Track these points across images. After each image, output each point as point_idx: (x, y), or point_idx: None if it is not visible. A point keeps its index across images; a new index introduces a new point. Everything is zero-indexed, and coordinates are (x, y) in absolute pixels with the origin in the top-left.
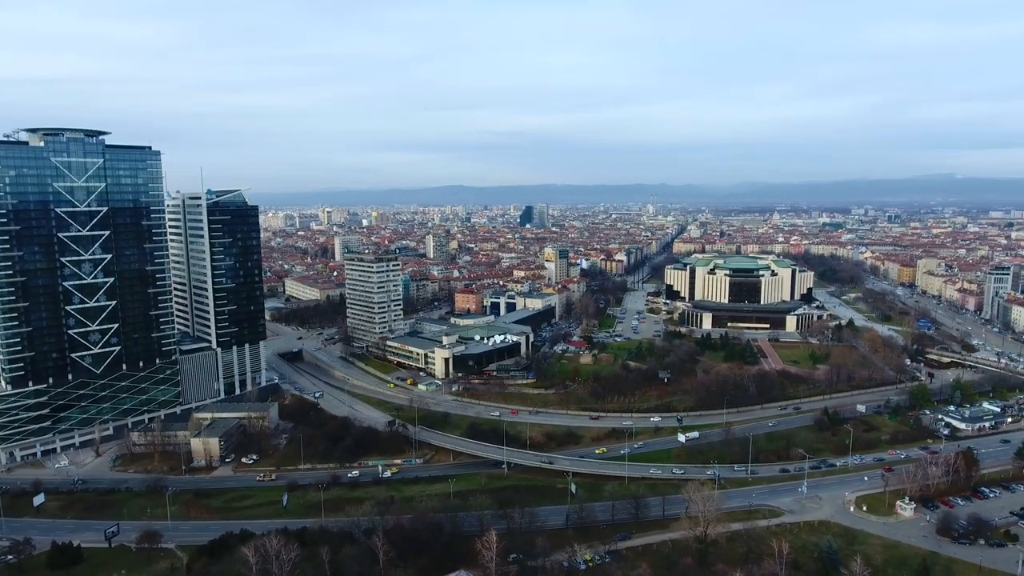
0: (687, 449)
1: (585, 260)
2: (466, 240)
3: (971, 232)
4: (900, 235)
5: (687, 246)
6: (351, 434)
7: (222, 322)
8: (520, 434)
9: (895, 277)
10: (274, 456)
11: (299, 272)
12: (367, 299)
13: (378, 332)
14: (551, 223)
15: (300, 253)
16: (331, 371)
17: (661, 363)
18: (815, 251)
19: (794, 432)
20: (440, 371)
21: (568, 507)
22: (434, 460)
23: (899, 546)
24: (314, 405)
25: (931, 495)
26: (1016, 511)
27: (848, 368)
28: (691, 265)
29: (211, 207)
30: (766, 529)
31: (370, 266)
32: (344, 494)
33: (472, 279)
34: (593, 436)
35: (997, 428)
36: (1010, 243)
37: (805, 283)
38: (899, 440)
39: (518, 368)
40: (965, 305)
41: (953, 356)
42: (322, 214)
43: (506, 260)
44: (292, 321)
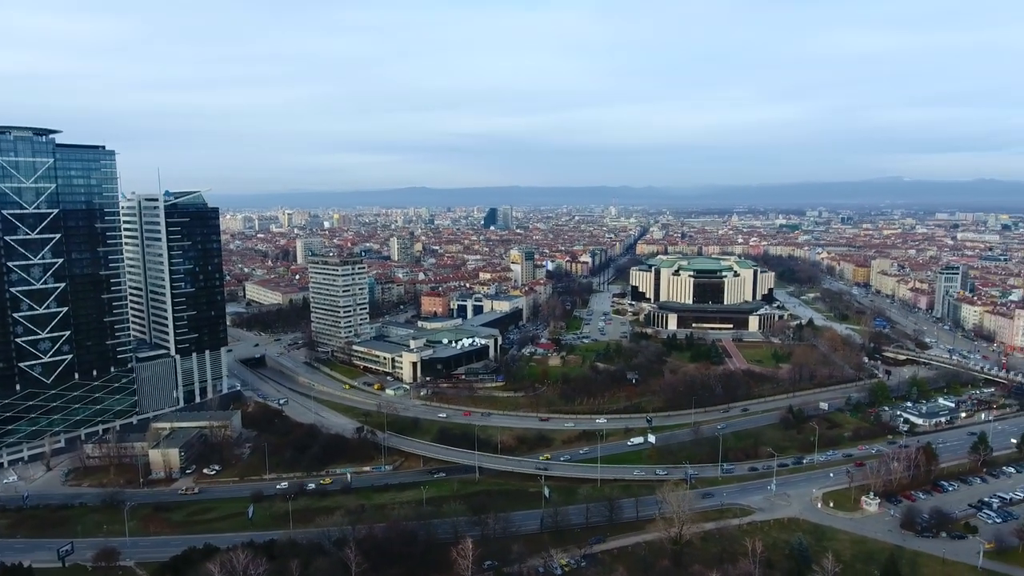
0: (658, 450)
1: (551, 262)
2: (430, 242)
3: (920, 233)
4: (853, 236)
5: (650, 247)
6: (318, 441)
7: (181, 328)
8: (491, 438)
9: (850, 277)
10: (238, 466)
11: (260, 276)
12: (332, 303)
13: (344, 336)
14: (515, 225)
15: (260, 256)
16: (295, 377)
17: (629, 364)
18: (773, 252)
19: (761, 431)
20: (408, 375)
21: (542, 511)
22: (404, 466)
23: (866, 541)
24: (279, 412)
25: (894, 490)
26: (974, 503)
27: (810, 367)
28: (656, 266)
29: (169, 209)
30: (738, 528)
31: (335, 269)
32: (312, 504)
33: (438, 282)
34: (564, 439)
35: (952, 423)
36: (956, 244)
37: (766, 283)
38: (861, 436)
39: (487, 371)
40: (917, 304)
41: (908, 354)
42: (282, 216)
43: (472, 262)
44: (254, 326)
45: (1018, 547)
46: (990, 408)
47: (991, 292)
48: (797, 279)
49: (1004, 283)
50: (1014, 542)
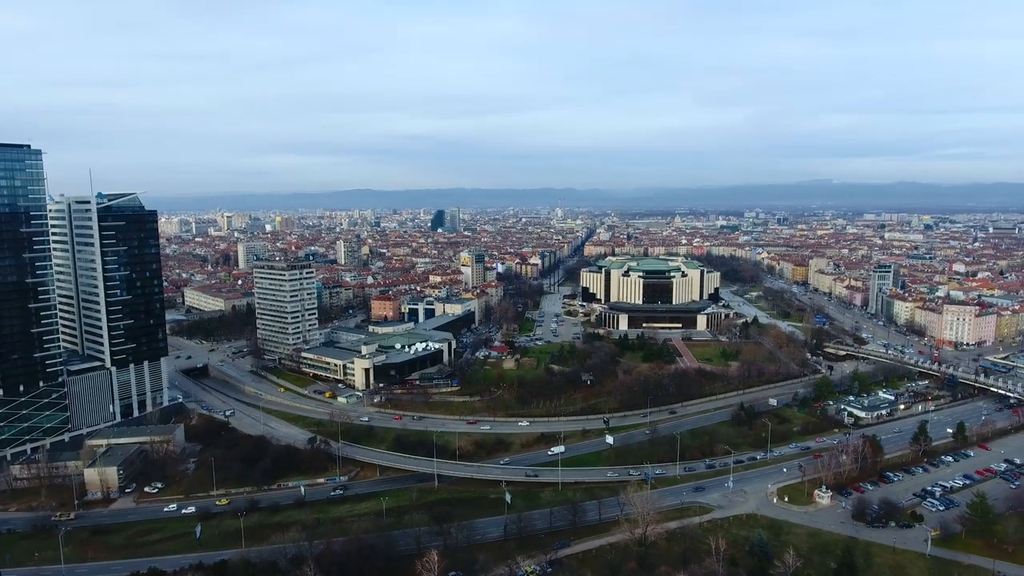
0: (617, 451)
1: (501, 264)
2: (377, 245)
3: (851, 233)
4: (790, 236)
5: (597, 249)
6: (268, 454)
7: (117, 338)
8: (449, 444)
9: (790, 276)
10: (182, 483)
11: (200, 281)
12: (279, 309)
13: (292, 343)
14: (463, 227)
15: (199, 261)
16: (242, 387)
17: (583, 366)
18: (716, 252)
19: (715, 428)
20: (360, 382)
21: (505, 518)
22: (360, 476)
23: (821, 533)
24: (225, 424)
25: (844, 482)
26: (918, 492)
27: (758, 364)
28: (606, 268)
29: (103, 212)
30: (699, 526)
31: (282, 274)
32: (265, 519)
33: (388, 285)
34: (522, 442)
35: (892, 415)
36: (885, 243)
37: (712, 283)
38: (809, 431)
39: (442, 376)
40: (853, 301)
41: (848, 349)
42: (221, 219)
43: (421, 265)
44: (195, 334)
45: (961, 533)
46: (926, 400)
47: (920, 289)
48: (740, 278)
49: (931, 280)
50: (957, 528)
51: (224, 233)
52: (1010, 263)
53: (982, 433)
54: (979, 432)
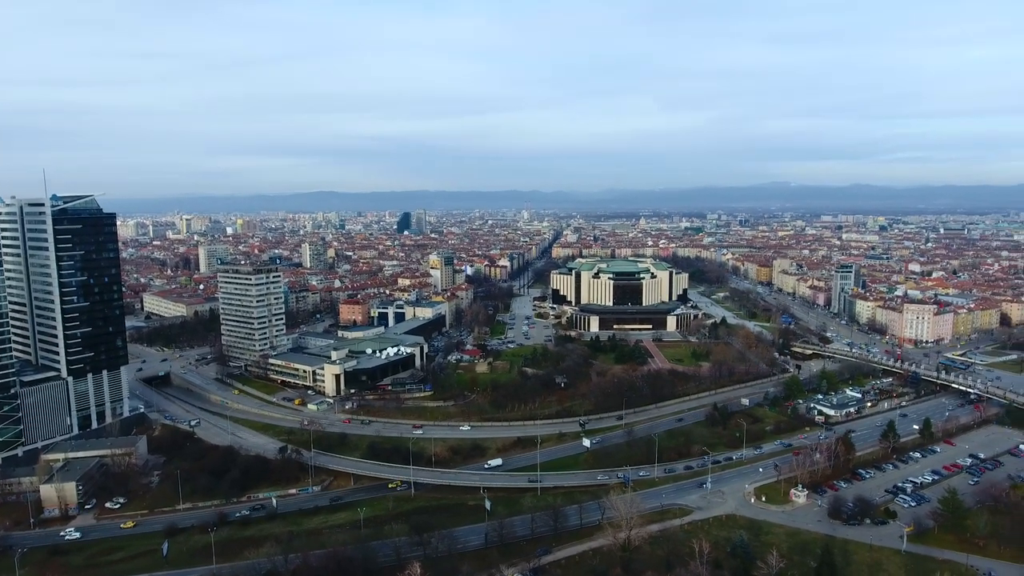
0: (594, 454)
1: (470, 267)
2: (343, 248)
3: (810, 234)
4: (752, 237)
5: (565, 251)
6: (237, 464)
7: (74, 347)
8: (424, 451)
9: (755, 276)
10: (146, 497)
11: (159, 286)
12: (245, 314)
13: (259, 349)
14: (429, 229)
15: (158, 265)
16: (207, 395)
17: (557, 368)
18: (681, 253)
19: (690, 429)
20: (331, 388)
21: (486, 525)
22: (333, 486)
23: (799, 532)
24: (190, 435)
25: (819, 480)
26: (890, 489)
27: (728, 364)
28: (576, 270)
29: (58, 215)
30: (680, 528)
31: (248, 278)
32: (236, 534)
33: (355, 289)
34: (499, 447)
35: (860, 413)
36: (843, 244)
37: (681, 284)
38: (781, 430)
39: (414, 381)
40: (816, 301)
41: (814, 348)
42: (179, 222)
43: (389, 268)
44: (156, 341)
45: (934, 528)
46: (891, 397)
47: (880, 288)
48: (707, 279)
49: (889, 280)
50: (930, 524)
51: (183, 236)
52: (962, 263)
53: (947, 429)
54: (944, 428)
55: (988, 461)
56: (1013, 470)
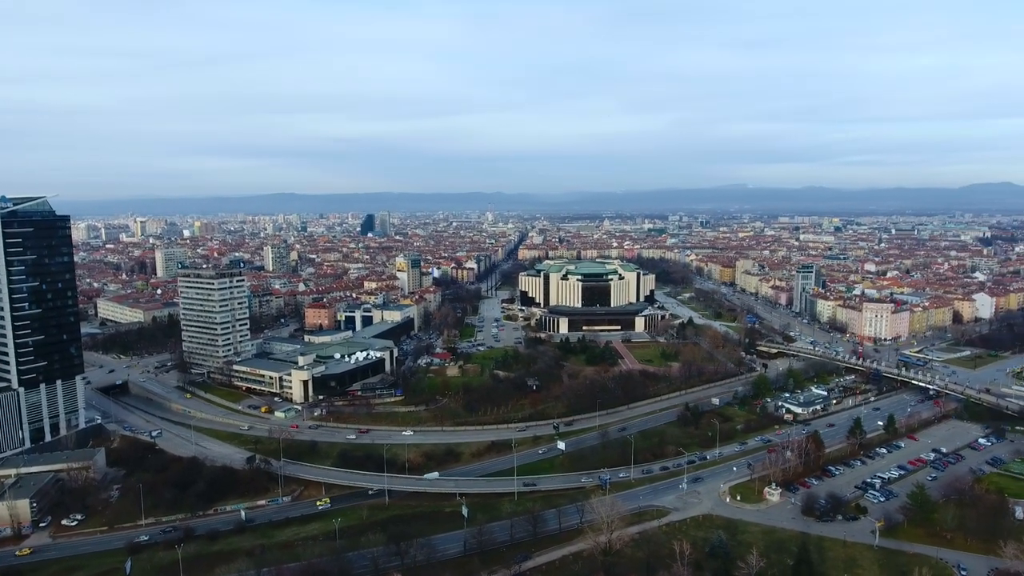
0: (569, 456)
1: (436, 269)
2: (306, 251)
3: (769, 235)
4: (714, 239)
5: (531, 252)
6: (203, 476)
7: (25, 356)
8: (397, 457)
9: (718, 277)
10: (106, 513)
11: (114, 291)
12: (208, 319)
13: (222, 356)
14: (394, 231)
15: (112, 269)
16: (168, 404)
17: (528, 371)
18: (646, 255)
19: (663, 429)
20: (298, 395)
21: (464, 532)
22: (304, 496)
23: (775, 530)
24: (151, 446)
25: (791, 478)
26: (859, 485)
27: (697, 364)
28: (544, 271)
29: (7, 218)
30: (659, 530)
31: (210, 282)
32: (204, 548)
33: (320, 292)
34: (473, 452)
35: (826, 410)
36: (801, 244)
37: (648, 285)
38: (752, 428)
39: (384, 386)
40: (778, 300)
41: (779, 347)
42: (134, 224)
43: (354, 271)
44: (111, 348)
45: (903, 523)
46: (855, 394)
47: (839, 288)
48: (672, 280)
49: (847, 279)
50: (900, 519)
51: (138, 239)
52: (914, 262)
53: (909, 424)
54: (907, 424)
55: (950, 455)
56: (974, 463)
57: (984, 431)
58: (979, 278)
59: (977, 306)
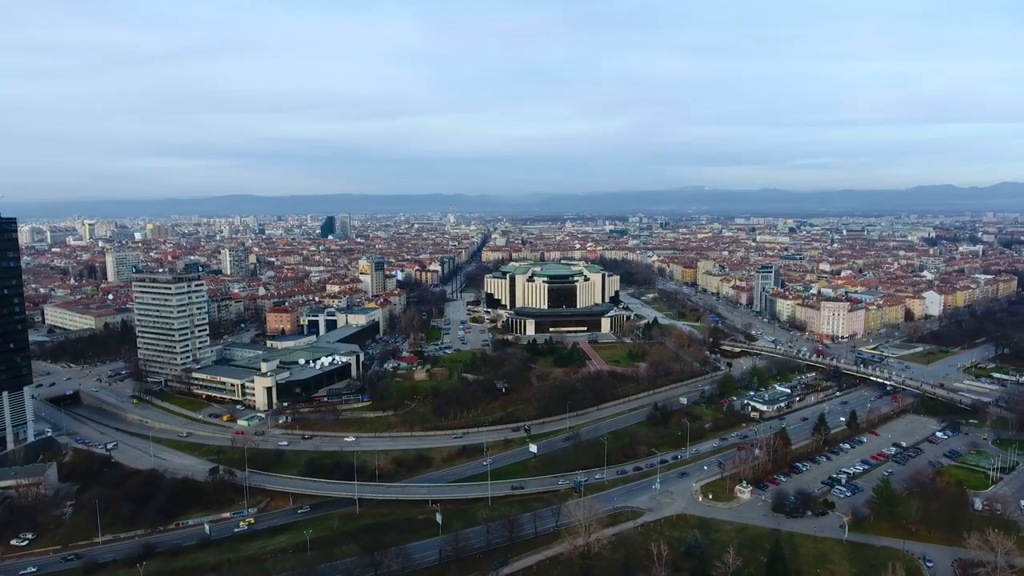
0: (542, 459)
1: (400, 271)
2: (265, 254)
3: (727, 236)
4: (674, 240)
5: (495, 254)
6: (163, 489)
7: None
8: (367, 464)
9: (680, 278)
10: (59, 531)
11: (62, 297)
12: (165, 325)
13: (180, 363)
14: (355, 234)
15: (59, 274)
16: (123, 414)
17: (497, 373)
18: (608, 256)
19: (633, 430)
20: (262, 402)
21: (439, 539)
22: (271, 507)
23: (748, 528)
24: (107, 459)
25: (760, 475)
26: (825, 480)
27: (664, 364)
28: (510, 273)
29: None
30: (635, 531)
31: (168, 287)
32: (165, 565)
33: (282, 296)
34: (444, 457)
35: (790, 407)
36: (758, 245)
37: (613, 286)
38: (720, 427)
39: (351, 391)
40: (739, 300)
41: (742, 346)
42: (81, 227)
43: (316, 274)
44: (61, 357)
45: (870, 516)
46: (817, 391)
47: (797, 287)
48: (635, 281)
49: (804, 279)
50: (866, 512)
51: (86, 243)
52: (865, 262)
53: (870, 420)
54: (868, 419)
55: (910, 449)
56: (933, 456)
57: (940, 425)
58: (927, 277)
59: (927, 304)
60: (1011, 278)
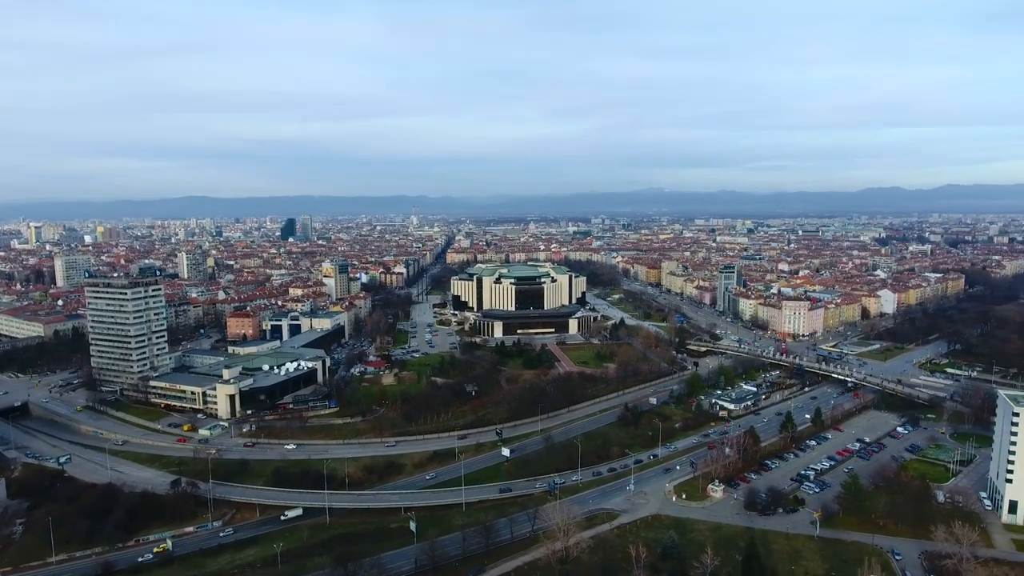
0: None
1: (364, 274)
2: (224, 257)
3: (688, 237)
4: (637, 241)
5: (460, 256)
6: (121, 504)
7: None
8: (336, 472)
9: (644, 278)
10: (9, 551)
11: (8, 303)
12: (121, 332)
13: (137, 371)
14: (316, 236)
15: (4, 279)
16: (76, 426)
17: (467, 376)
18: (573, 257)
19: (605, 431)
20: (224, 410)
21: (414, 548)
22: (237, 519)
23: (722, 527)
24: (59, 474)
25: (732, 474)
26: (794, 477)
27: (633, 364)
28: (477, 275)
29: None
30: (611, 533)
31: (123, 292)
32: None
33: (243, 300)
34: (415, 463)
35: (757, 405)
36: (718, 245)
37: (579, 288)
38: (689, 426)
39: (317, 397)
40: (703, 300)
41: (707, 345)
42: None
43: (277, 277)
44: (7, 366)
45: (839, 512)
46: (781, 389)
47: (758, 287)
48: (601, 282)
49: (764, 278)
50: (835, 508)
51: (33, 246)
52: (822, 261)
53: (834, 416)
54: (832, 416)
55: (873, 444)
56: (895, 451)
57: (901, 420)
58: (880, 275)
59: (882, 302)
60: (959, 276)
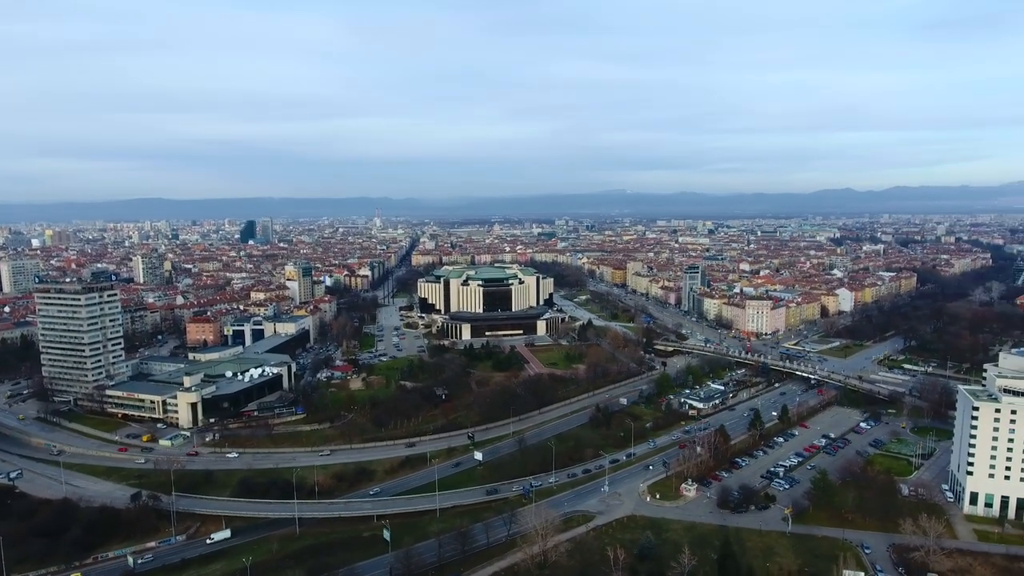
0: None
1: (328, 277)
2: (181, 260)
3: (651, 238)
4: (601, 242)
5: (425, 258)
6: (77, 520)
7: None
8: (304, 480)
9: (610, 279)
10: None
11: None
12: (74, 339)
13: (92, 380)
14: (277, 238)
15: None
16: (27, 439)
17: (436, 380)
18: (538, 259)
19: (577, 432)
20: (186, 419)
21: (389, 556)
22: (202, 532)
23: (696, 526)
24: (10, 489)
25: (704, 472)
26: (764, 474)
27: (602, 365)
28: (444, 277)
29: None
30: (588, 535)
31: (76, 298)
32: None
33: (203, 305)
34: (386, 469)
35: (725, 403)
36: (681, 246)
37: (547, 289)
38: (660, 426)
39: (283, 404)
40: (668, 300)
41: (674, 345)
42: None
43: (238, 281)
44: None
45: (809, 508)
46: (748, 387)
47: (721, 287)
48: (567, 283)
49: (726, 278)
50: (806, 504)
51: None
52: (781, 261)
53: (800, 413)
54: (797, 412)
55: (839, 440)
56: (859, 446)
57: (863, 415)
58: (837, 275)
59: (840, 300)
60: (911, 275)
